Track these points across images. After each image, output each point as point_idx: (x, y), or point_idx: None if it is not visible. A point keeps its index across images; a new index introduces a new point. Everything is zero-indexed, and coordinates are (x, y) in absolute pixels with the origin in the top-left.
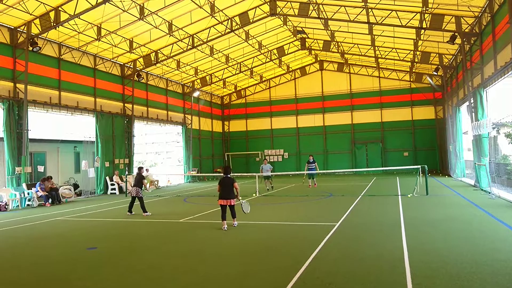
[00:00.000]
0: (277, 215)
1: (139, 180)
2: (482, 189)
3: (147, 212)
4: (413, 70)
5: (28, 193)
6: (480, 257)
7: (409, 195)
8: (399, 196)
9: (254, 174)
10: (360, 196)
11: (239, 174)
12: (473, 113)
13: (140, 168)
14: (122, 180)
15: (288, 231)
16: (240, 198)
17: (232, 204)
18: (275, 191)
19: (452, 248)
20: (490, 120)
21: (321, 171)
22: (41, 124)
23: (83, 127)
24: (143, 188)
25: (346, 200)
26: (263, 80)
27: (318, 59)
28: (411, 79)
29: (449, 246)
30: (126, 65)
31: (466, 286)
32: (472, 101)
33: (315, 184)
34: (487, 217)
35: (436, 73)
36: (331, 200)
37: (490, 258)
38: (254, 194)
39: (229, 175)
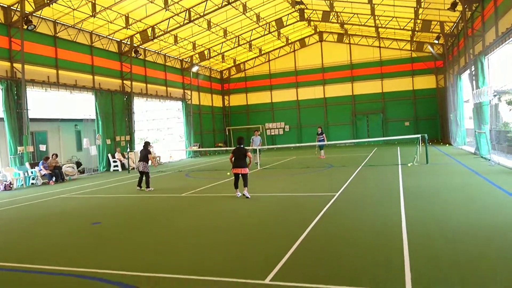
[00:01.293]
0: (278, 187)
1: (145, 155)
2: (482, 157)
3: (150, 187)
4: (414, 39)
5: (32, 172)
6: (477, 222)
7: (409, 164)
8: (399, 166)
9: (256, 147)
10: (360, 167)
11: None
12: (474, 81)
13: (146, 143)
14: (124, 157)
15: (288, 202)
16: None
17: (245, 172)
18: (277, 163)
19: (450, 214)
20: (491, 87)
21: (323, 143)
22: (41, 103)
23: (83, 106)
24: (149, 163)
25: (346, 171)
26: (262, 53)
27: (318, 30)
28: (412, 48)
29: (447, 212)
30: (123, 41)
31: (461, 249)
32: (473, 69)
33: (322, 156)
34: (486, 184)
35: (437, 42)
36: (331, 171)
37: (487, 222)
38: (256, 164)
39: (242, 145)
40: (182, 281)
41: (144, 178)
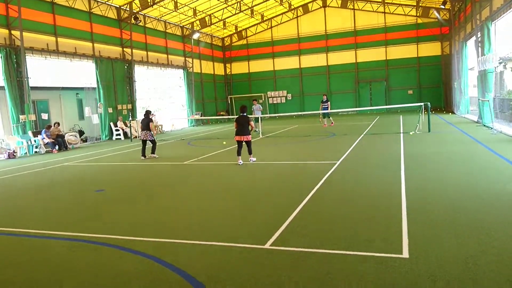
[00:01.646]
0: (279, 155)
1: (147, 123)
2: (484, 125)
3: (155, 154)
4: (420, 4)
5: (35, 141)
6: (476, 190)
7: (411, 133)
8: (401, 134)
9: (258, 116)
10: (362, 135)
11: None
12: (480, 48)
13: (147, 112)
14: (126, 125)
15: (290, 169)
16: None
17: (247, 140)
18: (279, 132)
19: (449, 182)
20: (497, 54)
21: (326, 111)
22: (42, 72)
23: (84, 74)
24: (152, 132)
25: (348, 139)
26: (264, 19)
27: None
28: (418, 14)
29: (447, 180)
30: (122, 7)
31: (458, 217)
32: (479, 35)
33: (332, 123)
34: (487, 152)
35: (443, 7)
36: (333, 139)
37: (485, 190)
38: (257, 132)
39: (245, 114)
40: (181, 246)
41: (150, 145)
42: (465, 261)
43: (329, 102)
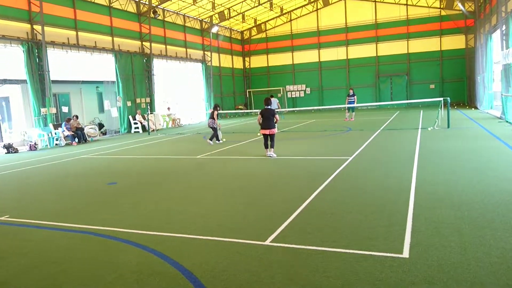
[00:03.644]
0: (293, 150)
1: (212, 113)
2: (507, 121)
3: (219, 140)
4: None
5: (55, 133)
6: (488, 188)
7: (429, 129)
8: (419, 130)
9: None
10: (379, 131)
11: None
12: (505, 41)
13: (215, 105)
14: (144, 119)
15: (301, 164)
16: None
17: (272, 133)
18: (296, 126)
19: (462, 179)
20: None
21: (343, 105)
22: (63, 65)
23: (104, 68)
24: (216, 122)
25: (364, 135)
26: (283, 12)
27: None
28: (441, 6)
29: (459, 178)
30: (141, 1)
31: (466, 216)
32: (504, 28)
33: (352, 118)
34: (506, 149)
35: None
36: (349, 134)
37: (498, 189)
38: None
39: (269, 107)
40: (183, 240)
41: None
42: (467, 263)
43: (355, 96)
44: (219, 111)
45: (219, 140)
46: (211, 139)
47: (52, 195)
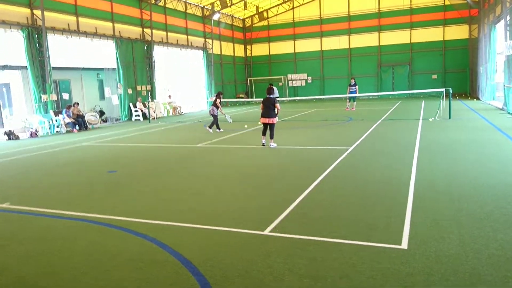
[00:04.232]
0: (293, 140)
1: (214, 101)
2: (509, 113)
3: (219, 129)
4: None
5: (56, 120)
6: (488, 180)
7: (430, 119)
8: (420, 120)
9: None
10: (380, 121)
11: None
12: (508, 31)
13: (219, 93)
14: (145, 106)
15: (301, 154)
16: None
17: (272, 122)
18: (297, 116)
19: (462, 171)
20: None
21: (344, 95)
22: (63, 52)
23: (104, 54)
24: (218, 109)
25: (365, 125)
26: (286, 0)
27: None
28: None
29: (459, 169)
30: None
31: (465, 208)
32: (508, 18)
33: (353, 108)
34: (507, 141)
35: None
36: (350, 124)
37: (498, 181)
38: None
39: (271, 96)
40: (183, 229)
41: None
42: (465, 254)
43: (357, 86)
44: (222, 99)
45: (219, 129)
46: (210, 127)
47: (53, 182)
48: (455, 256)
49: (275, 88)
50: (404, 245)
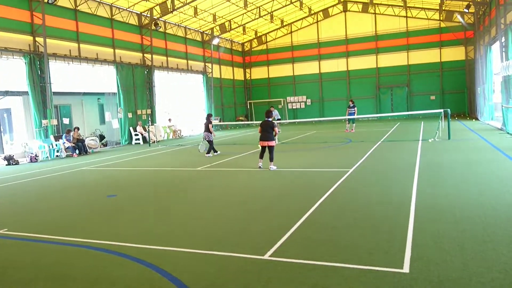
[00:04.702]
0: (293, 162)
1: (207, 125)
2: (508, 133)
3: (217, 152)
4: (443, 8)
5: (56, 145)
6: (490, 201)
7: (429, 140)
8: (420, 141)
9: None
10: (379, 142)
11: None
12: (504, 52)
13: (208, 115)
14: (145, 130)
15: (301, 177)
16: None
17: (271, 145)
18: (296, 138)
19: (463, 192)
20: None
21: (343, 117)
22: (64, 77)
23: (105, 79)
24: (211, 133)
25: (364, 146)
26: (284, 24)
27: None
28: (441, 18)
29: (460, 190)
30: (143, 14)
31: (467, 230)
32: (503, 39)
33: (352, 130)
34: (507, 161)
35: (467, 11)
36: (349, 146)
37: (500, 201)
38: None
39: (269, 119)
40: (182, 255)
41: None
42: (469, 278)
43: (355, 108)
44: (213, 123)
45: (216, 152)
46: (208, 152)
47: (51, 207)
48: (458, 280)
49: (275, 110)
50: (406, 269)
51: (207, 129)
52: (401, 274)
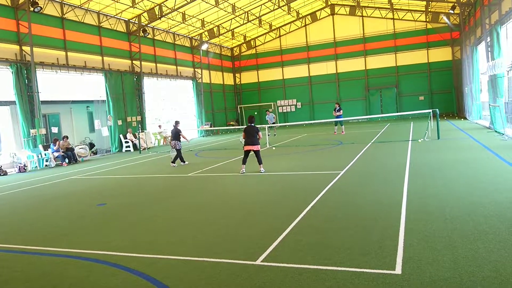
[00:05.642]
0: (284, 165)
1: (176, 133)
2: (496, 131)
3: (184, 162)
4: (429, 10)
5: (45, 154)
6: (479, 199)
7: (419, 140)
8: (409, 142)
9: (265, 125)
10: (370, 144)
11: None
12: (490, 52)
13: (176, 122)
14: (135, 137)
15: (292, 180)
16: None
17: (257, 149)
18: (288, 141)
19: (452, 191)
20: (507, 58)
21: (333, 119)
22: (52, 86)
23: (94, 87)
24: (181, 140)
25: (355, 148)
26: (272, 29)
27: (329, 3)
28: (427, 19)
29: (450, 189)
30: (130, 21)
31: (458, 228)
32: (488, 39)
33: (342, 132)
34: (496, 160)
35: (452, 12)
36: (340, 148)
37: (489, 200)
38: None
39: (253, 124)
40: (173, 262)
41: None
42: (460, 277)
43: (341, 111)
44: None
45: (183, 162)
46: (173, 162)
47: (40, 218)
48: (450, 280)
49: (272, 114)
50: (398, 270)
51: (175, 137)
52: (393, 275)
